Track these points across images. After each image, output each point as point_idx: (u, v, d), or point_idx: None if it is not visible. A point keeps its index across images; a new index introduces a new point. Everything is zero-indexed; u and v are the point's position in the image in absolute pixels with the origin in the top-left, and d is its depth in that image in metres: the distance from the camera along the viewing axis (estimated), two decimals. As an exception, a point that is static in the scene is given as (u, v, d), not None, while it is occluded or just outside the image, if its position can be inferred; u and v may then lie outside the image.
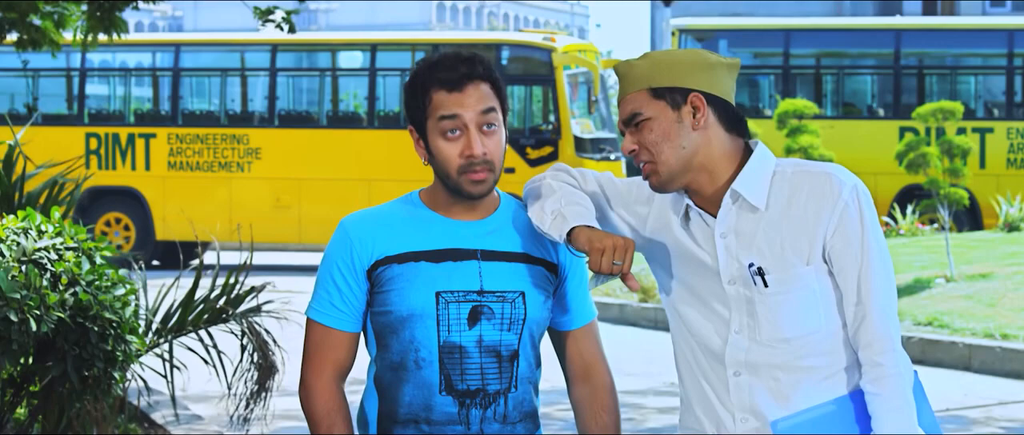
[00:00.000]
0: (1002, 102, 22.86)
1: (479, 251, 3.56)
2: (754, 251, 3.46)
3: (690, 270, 3.55)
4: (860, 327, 3.44)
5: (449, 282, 3.53)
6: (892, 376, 3.42)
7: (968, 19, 28.57)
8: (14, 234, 6.22)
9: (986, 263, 15.89)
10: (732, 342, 3.49)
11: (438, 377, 3.53)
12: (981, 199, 21.23)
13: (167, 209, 23.14)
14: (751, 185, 3.46)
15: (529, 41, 23.24)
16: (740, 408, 3.49)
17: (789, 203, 3.46)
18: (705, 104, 3.46)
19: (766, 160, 3.51)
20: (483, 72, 3.54)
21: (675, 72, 3.47)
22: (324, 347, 3.61)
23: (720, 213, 3.48)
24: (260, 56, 24.11)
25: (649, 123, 3.46)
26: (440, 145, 3.52)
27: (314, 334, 3.62)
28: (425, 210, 3.60)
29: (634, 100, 3.49)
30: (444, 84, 3.52)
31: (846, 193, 3.43)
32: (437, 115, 3.51)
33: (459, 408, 3.54)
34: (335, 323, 3.60)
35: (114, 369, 6.34)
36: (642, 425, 10.07)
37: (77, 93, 24.11)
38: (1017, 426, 10.01)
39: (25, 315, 5.86)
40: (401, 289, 3.52)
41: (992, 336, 12.32)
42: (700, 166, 3.47)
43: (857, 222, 3.43)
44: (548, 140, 22.58)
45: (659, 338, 14.26)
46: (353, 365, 3.65)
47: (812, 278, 3.44)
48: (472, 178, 3.52)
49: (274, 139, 23.44)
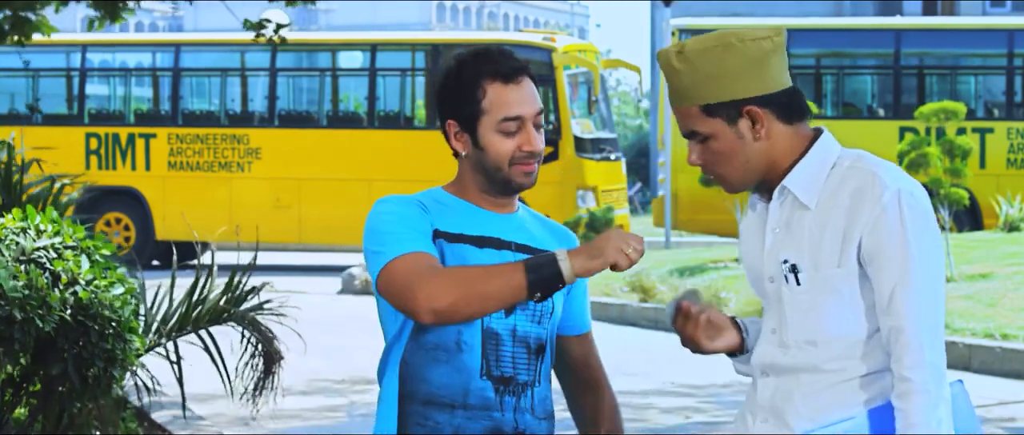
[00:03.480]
0: (1002, 102, 22.85)
1: (514, 243, 3.58)
2: (792, 248, 3.33)
3: (748, 267, 3.47)
4: (891, 338, 3.26)
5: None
6: (919, 393, 3.22)
7: (968, 19, 28.56)
8: (13, 233, 6.22)
9: (986, 263, 15.88)
10: (764, 340, 3.40)
11: (480, 361, 3.51)
12: (981, 199, 21.22)
13: (167, 209, 23.14)
14: (803, 181, 3.33)
15: (529, 41, 23.24)
16: (762, 408, 3.39)
17: (833, 199, 3.30)
18: (762, 112, 3.31)
19: (827, 152, 3.34)
20: (527, 65, 3.59)
21: (724, 85, 3.29)
22: (414, 261, 3.42)
23: (771, 208, 3.37)
24: (260, 56, 24.10)
25: (711, 142, 3.33)
26: (495, 139, 3.53)
27: (402, 266, 3.41)
28: (457, 199, 3.60)
29: (688, 117, 3.34)
30: (499, 75, 3.53)
31: (887, 196, 3.25)
32: (500, 115, 3.52)
33: (496, 394, 3.52)
34: (414, 247, 3.45)
35: (114, 368, 6.33)
36: (643, 426, 10.06)
37: (77, 93, 24.11)
38: (1017, 426, 10.00)
39: (28, 314, 5.86)
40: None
41: (992, 336, 12.31)
42: (768, 167, 3.35)
43: (896, 227, 3.24)
44: (548, 140, 22.38)
45: (659, 338, 14.25)
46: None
47: (841, 281, 3.29)
48: (524, 169, 3.55)
49: (274, 139, 23.43)
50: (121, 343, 6.30)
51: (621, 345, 13.94)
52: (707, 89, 3.30)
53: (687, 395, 11.05)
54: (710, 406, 10.68)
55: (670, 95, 3.37)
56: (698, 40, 3.34)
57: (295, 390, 11.20)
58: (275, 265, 23.14)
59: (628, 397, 11.13)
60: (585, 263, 3.37)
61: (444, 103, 3.59)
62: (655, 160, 32.71)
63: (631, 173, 43.75)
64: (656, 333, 14.66)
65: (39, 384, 6.60)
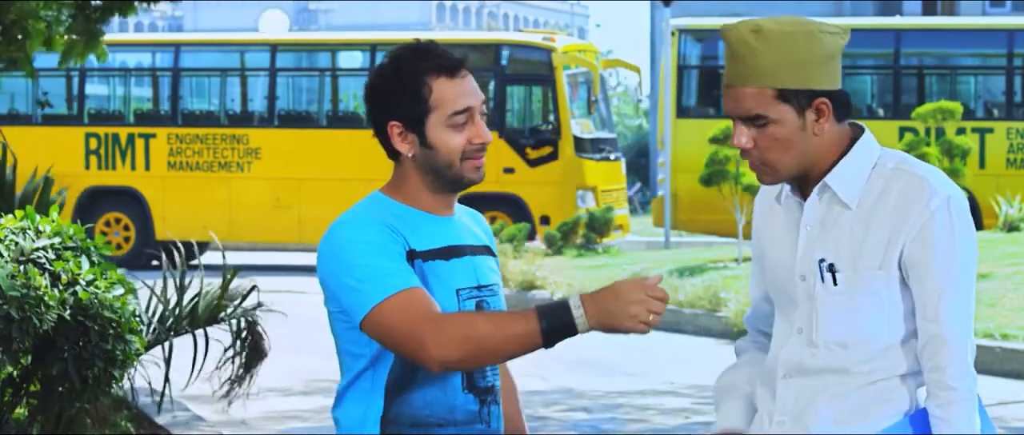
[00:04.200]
0: (1002, 102, 22.85)
1: (468, 247, 3.51)
2: (830, 247, 3.27)
3: (772, 262, 3.40)
4: (933, 347, 3.23)
5: (461, 278, 3.46)
6: (963, 402, 3.23)
7: (968, 19, 28.55)
8: (12, 234, 6.22)
9: (986, 263, 15.87)
10: (791, 341, 3.32)
11: (462, 375, 3.44)
12: (981, 199, 21.21)
13: (167, 209, 23.14)
14: (845, 180, 3.27)
15: (529, 41, 23.23)
16: (781, 411, 3.33)
17: (878, 201, 3.25)
18: (830, 107, 3.26)
19: (869, 152, 3.30)
20: (465, 57, 3.48)
21: (806, 72, 3.23)
22: (412, 303, 3.30)
23: (807, 204, 3.31)
24: (260, 56, 24.10)
25: (773, 127, 3.24)
26: (445, 136, 3.41)
27: (400, 309, 3.29)
28: (407, 208, 3.48)
29: (758, 99, 3.24)
30: (443, 70, 3.42)
31: (936, 202, 3.21)
32: (449, 109, 3.41)
33: (480, 406, 3.47)
34: (404, 284, 3.32)
35: (114, 369, 6.33)
36: (643, 426, 10.06)
37: (77, 93, 24.11)
38: (1017, 426, 10.00)
39: (27, 313, 5.86)
40: (427, 288, 3.40)
41: (992, 336, 12.32)
42: (812, 162, 3.29)
43: (944, 235, 3.21)
44: (548, 140, 22.57)
45: (659, 338, 14.24)
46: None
47: (881, 284, 3.24)
48: (475, 163, 3.45)
49: (274, 139, 23.43)
50: (121, 344, 6.30)
51: (621, 345, 13.92)
52: (788, 73, 3.23)
53: (687, 396, 11.06)
54: (710, 407, 10.66)
55: (735, 75, 3.26)
56: (776, 21, 3.27)
57: (295, 390, 11.21)
58: (275, 265, 23.16)
59: (628, 397, 11.12)
60: (601, 320, 3.22)
61: (383, 104, 3.44)
62: (655, 160, 32.71)
63: (631, 173, 43.74)
64: (656, 333, 14.62)
65: (39, 384, 6.59)
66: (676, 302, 14.84)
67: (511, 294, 16.78)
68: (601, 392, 11.32)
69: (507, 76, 22.75)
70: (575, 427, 10.00)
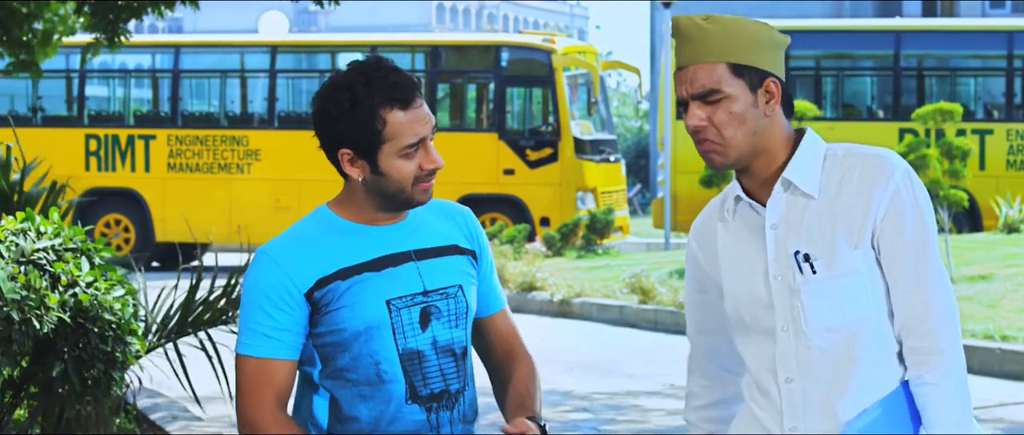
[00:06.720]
0: (1002, 103, 22.86)
1: (413, 251, 3.50)
2: (802, 238, 3.30)
3: (730, 289, 3.39)
4: (918, 315, 3.28)
5: (395, 288, 3.46)
6: (953, 364, 3.27)
7: (968, 20, 28.56)
8: (12, 235, 6.22)
9: (986, 264, 15.89)
10: (780, 344, 3.32)
11: (404, 387, 3.46)
12: (981, 200, 21.23)
13: (167, 210, 23.15)
14: (803, 172, 3.32)
15: (529, 42, 23.24)
16: (792, 417, 3.32)
17: (840, 187, 3.31)
18: (779, 90, 3.31)
19: (817, 145, 3.36)
20: (418, 83, 3.47)
21: (754, 50, 3.30)
22: (260, 379, 3.44)
23: (770, 202, 3.33)
24: (260, 57, 24.11)
25: (727, 102, 3.27)
26: (397, 164, 3.42)
27: (247, 368, 3.45)
28: (346, 223, 3.49)
29: (711, 73, 3.28)
30: (396, 102, 3.41)
31: (898, 176, 3.28)
32: (403, 143, 3.41)
33: (427, 414, 3.47)
34: (271, 353, 3.44)
35: (114, 370, 6.33)
36: (644, 427, 10.06)
37: (77, 95, 24.12)
38: (1017, 427, 10.01)
39: (26, 315, 5.86)
40: (352, 305, 3.42)
41: (992, 337, 12.32)
42: (763, 151, 3.32)
43: (911, 207, 3.29)
44: (548, 142, 22.58)
45: (659, 339, 14.25)
46: (291, 393, 3.52)
47: (860, 262, 3.28)
48: (425, 187, 3.45)
49: (274, 140, 23.44)
50: (121, 345, 6.30)
51: (621, 346, 13.94)
52: (740, 48, 3.28)
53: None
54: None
55: (687, 53, 3.30)
56: (724, 15, 3.34)
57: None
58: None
59: (628, 398, 11.12)
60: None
61: (334, 132, 3.45)
62: (655, 162, 32.72)
63: (631, 175, 43.76)
64: (656, 334, 14.66)
65: (38, 386, 6.59)
66: (676, 304, 14.85)
67: (512, 295, 16.78)
68: (602, 393, 11.32)
69: (507, 78, 22.76)
70: (576, 428, 10.00)
